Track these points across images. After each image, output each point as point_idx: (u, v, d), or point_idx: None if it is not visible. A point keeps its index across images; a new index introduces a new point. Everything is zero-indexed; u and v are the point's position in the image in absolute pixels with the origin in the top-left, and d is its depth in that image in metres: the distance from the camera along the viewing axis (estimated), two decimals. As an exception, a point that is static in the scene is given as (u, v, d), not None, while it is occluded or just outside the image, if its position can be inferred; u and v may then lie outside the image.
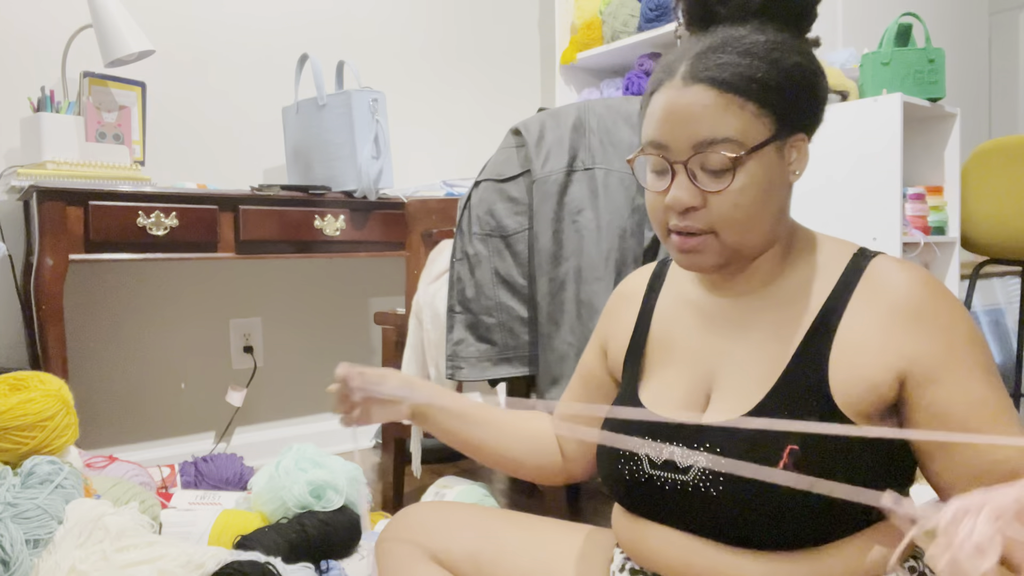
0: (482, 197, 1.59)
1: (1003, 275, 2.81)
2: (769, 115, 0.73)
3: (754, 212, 0.74)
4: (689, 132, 0.73)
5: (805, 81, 0.74)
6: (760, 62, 0.72)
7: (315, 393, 2.63)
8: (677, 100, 0.73)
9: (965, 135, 2.24)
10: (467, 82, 2.98)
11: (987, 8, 3.78)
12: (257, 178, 2.49)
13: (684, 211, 0.75)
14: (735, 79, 0.72)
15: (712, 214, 0.74)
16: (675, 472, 0.77)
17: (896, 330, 0.72)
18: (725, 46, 0.73)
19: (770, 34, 0.74)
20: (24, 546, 1.05)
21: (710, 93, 0.72)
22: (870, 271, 0.76)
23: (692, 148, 0.73)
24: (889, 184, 1.95)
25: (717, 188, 0.73)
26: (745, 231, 0.75)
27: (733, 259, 0.77)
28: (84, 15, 2.06)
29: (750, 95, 0.72)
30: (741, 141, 0.72)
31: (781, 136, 0.74)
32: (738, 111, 0.72)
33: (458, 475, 2.20)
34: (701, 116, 0.72)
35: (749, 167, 0.73)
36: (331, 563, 1.36)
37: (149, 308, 2.30)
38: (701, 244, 0.76)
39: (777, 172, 0.75)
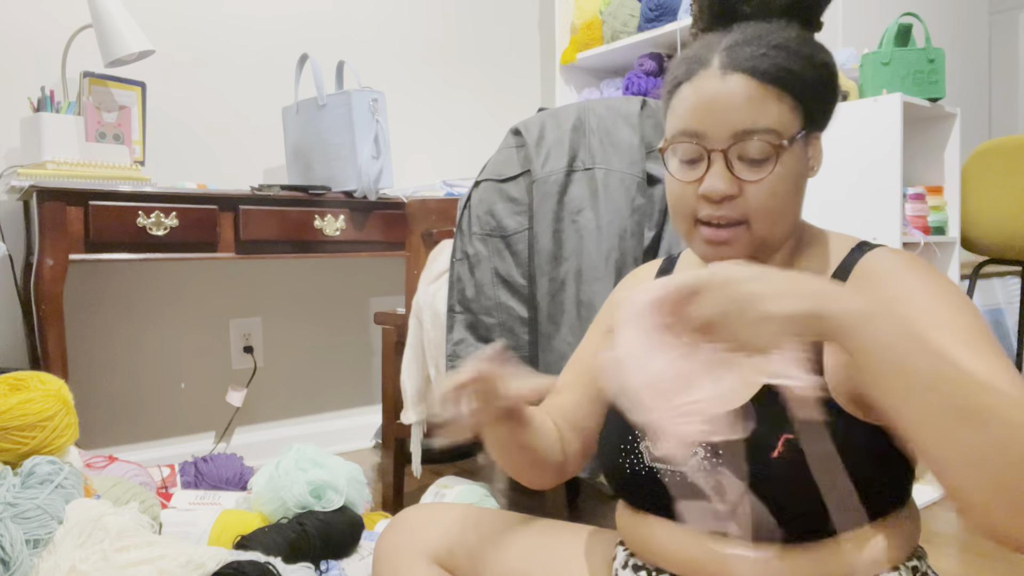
0: (482, 197, 1.59)
1: (1003, 275, 2.82)
2: (801, 109, 0.74)
3: (787, 203, 0.76)
4: (729, 120, 0.73)
5: (832, 79, 0.77)
6: (795, 57, 0.74)
7: (315, 393, 2.63)
8: (717, 89, 0.74)
9: (965, 135, 2.25)
10: (467, 82, 2.98)
11: (987, 8, 3.79)
12: (257, 178, 2.49)
13: (720, 200, 0.75)
14: (775, 71, 0.73)
15: (748, 203, 0.74)
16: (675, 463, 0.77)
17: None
18: (759, 39, 0.74)
19: (797, 31, 0.76)
20: (24, 546, 1.05)
21: (751, 83, 0.73)
22: (862, 263, 0.77)
23: (732, 136, 0.73)
24: (889, 184, 1.95)
25: (756, 177, 0.73)
26: (776, 222, 0.76)
27: (759, 252, 0.78)
28: (84, 15, 2.06)
29: (788, 88, 0.73)
30: (780, 131, 0.73)
31: (808, 129, 0.76)
32: (776, 102, 0.73)
33: (458, 475, 2.20)
34: (742, 105, 0.73)
35: (785, 158, 0.74)
36: (331, 563, 1.36)
37: (149, 308, 2.30)
38: (732, 236, 0.76)
39: (803, 166, 0.77)
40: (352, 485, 1.48)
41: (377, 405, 2.76)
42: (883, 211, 1.97)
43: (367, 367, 2.75)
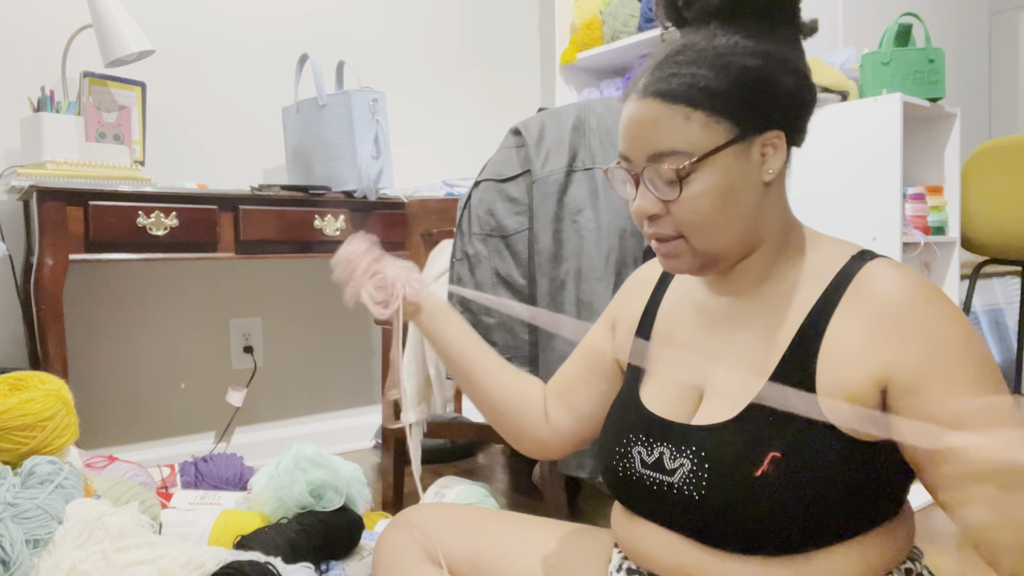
0: (482, 197, 1.59)
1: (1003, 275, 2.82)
2: (723, 120, 0.73)
3: (716, 216, 0.74)
4: (643, 144, 0.75)
5: (759, 82, 0.73)
6: (706, 70, 0.72)
7: (315, 393, 2.63)
8: (633, 113, 0.76)
9: (965, 135, 2.25)
10: (467, 82, 2.98)
11: (987, 8, 3.79)
12: (257, 178, 2.49)
13: (650, 218, 0.76)
14: (681, 89, 0.72)
15: (676, 219, 0.75)
16: (663, 472, 0.78)
17: (879, 338, 0.70)
18: (676, 56, 0.74)
19: (724, 38, 0.74)
20: (24, 546, 1.05)
21: (658, 106, 0.73)
22: (861, 275, 0.74)
23: (646, 160, 0.75)
24: (889, 184, 1.95)
25: (670, 197, 0.74)
26: (711, 235, 0.75)
27: (710, 262, 0.78)
28: (84, 15, 2.06)
29: (697, 104, 0.72)
30: (688, 151, 0.72)
31: (744, 138, 0.73)
32: (683, 122, 0.73)
33: (458, 475, 2.20)
34: (650, 129, 0.74)
35: (703, 174, 0.73)
36: (331, 563, 1.36)
37: (149, 308, 2.30)
38: (674, 249, 0.77)
39: (742, 174, 0.74)
40: (352, 485, 1.48)
41: (377, 405, 2.76)
42: (883, 211, 1.97)
43: (367, 367, 2.75)
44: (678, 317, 0.87)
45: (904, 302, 0.70)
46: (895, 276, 0.72)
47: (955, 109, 2.18)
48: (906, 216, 2.06)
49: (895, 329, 0.70)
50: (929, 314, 0.70)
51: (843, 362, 0.71)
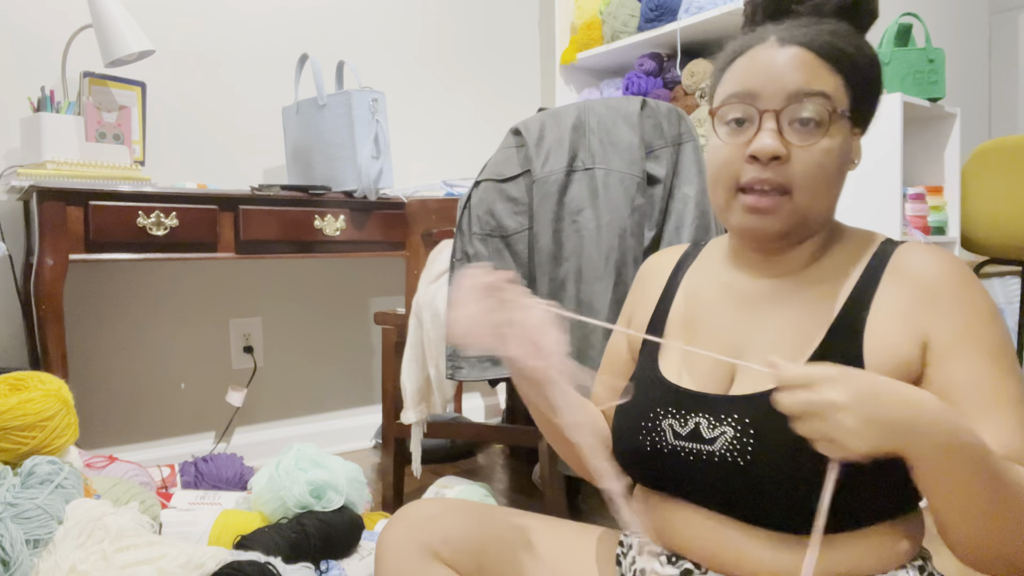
0: (482, 197, 1.59)
1: (1003, 275, 2.81)
2: (850, 92, 0.76)
3: (831, 177, 0.76)
4: (785, 82, 0.75)
5: (878, 75, 0.78)
6: (848, 42, 0.76)
7: (315, 393, 2.63)
8: (773, 55, 0.76)
9: (965, 135, 2.25)
10: (467, 82, 2.98)
11: (987, 8, 3.79)
12: (257, 178, 2.49)
13: (767, 162, 0.75)
14: (829, 48, 0.75)
15: (794, 169, 0.75)
16: (701, 443, 0.77)
17: (921, 307, 0.74)
18: (814, 23, 0.77)
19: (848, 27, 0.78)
20: (24, 546, 1.05)
21: (806, 53, 0.75)
22: (897, 255, 0.77)
23: (786, 97, 0.75)
24: (889, 184, 1.95)
25: (807, 142, 0.74)
26: (818, 195, 0.76)
27: (798, 226, 0.78)
28: (84, 15, 2.06)
29: (840, 65, 0.75)
30: (833, 99, 0.74)
31: (855, 114, 0.77)
32: (830, 75, 0.75)
33: (458, 475, 2.20)
34: (798, 69, 0.75)
35: (834, 131, 0.75)
36: (331, 563, 1.36)
37: (149, 308, 2.30)
38: (775, 205, 0.76)
39: (848, 152, 0.78)
40: (352, 485, 1.48)
41: (377, 405, 2.76)
42: (883, 211, 1.97)
43: (367, 367, 2.75)
44: (702, 299, 0.87)
45: (940, 276, 0.74)
46: (931, 254, 0.76)
47: (955, 109, 2.18)
48: (906, 216, 2.06)
49: (934, 300, 0.74)
50: (963, 288, 0.74)
51: (891, 332, 0.74)
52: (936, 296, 0.74)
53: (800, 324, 0.78)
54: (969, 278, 0.75)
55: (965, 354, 0.72)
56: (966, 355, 0.71)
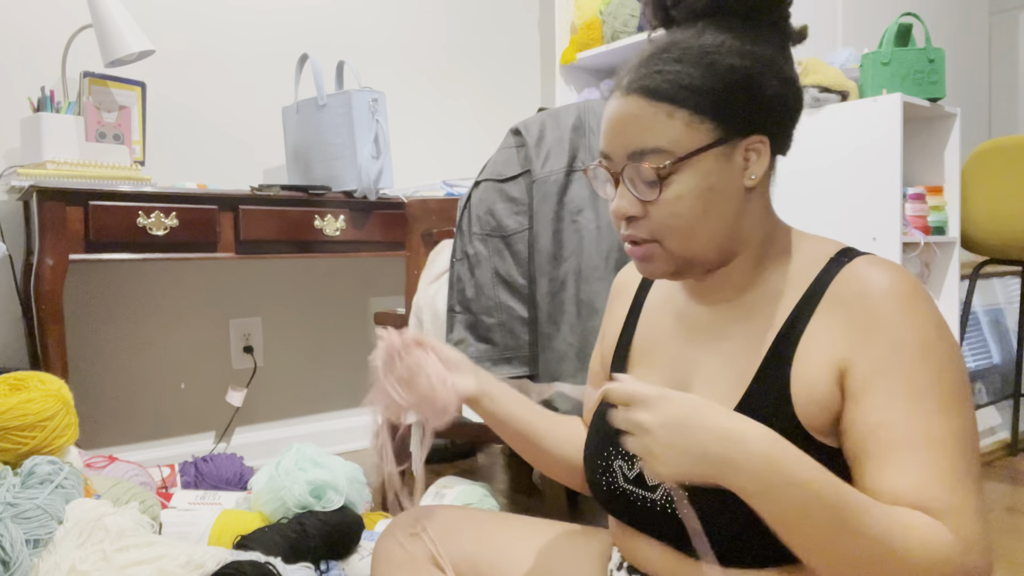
0: (482, 197, 1.59)
1: (1003, 275, 2.81)
2: (707, 121, 0.71)
3: (694, 220, 0.72)
4: (624, 142, 0.73)
5: (745, 83, 0.71)
6: (692, 68, 0.71)
7: (315, 393, 2.63)
8: (615, 110, 0.74)
9: (965, 135, 2.25)
10: (467, 82, 2.98)
11: (987, 8, 3.79)
12: (257, 178, 2.49)
13: (628, 220, 0.75)
14: (665, 87, 0.71)
15: (652, 223, 0.73)
16: (645, 489, 0.77)
17: (847, 338, 0.69)
18: (662, 53, 0.73)
19: (711, 37, 0.72)
20: (24, 546, 1.05)
21: (641, 103, 0.72)
22: (840, 277, 0.72)
23: (627, 158, 0.73)
24: (889, 184, 1.95)
25: (650, 198, 0.72)
26: (687, 239, 0.73)
27: (686, 267, 0.76)
28: (84, 15, 2.06)
29: (681, 103, 0.71)
30: (670, 150, 0.71)
31: (727, 140, 0.72)
32: (666, 120, 0.71)
33: (458, 475, 2.19)
34: (633, 126, 0.72)
35: (684, 175, 0.71)
36: (331, 563, 1.36)
37: (149, 308, 2.30)
38: (648, 252, 0.75)
39: (724, 178, 0.72)
40: (352, 485, 1.48)
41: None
42: (883, 211, 1.96)
43: (367, 367, 2.74)
44: (659, 325, 0.86)
45: (874, 303, 0.69)
46: (873, 274, 0.70)
47: (955, 109, 2.18)
48: (906, 216, 2.06)
49: (862, 330, 0.68)
50: (896, 314, 0.68)
51: (813, 365, 0.70)
52: (865, 325, 0.68)
53: (736, 360, 0.76)
54: (909, 302, 0.68)
55: (880, 391, 0.66)
56: (881, 392, 0.66)
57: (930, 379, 0.66)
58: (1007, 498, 2.00)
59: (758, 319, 0.76)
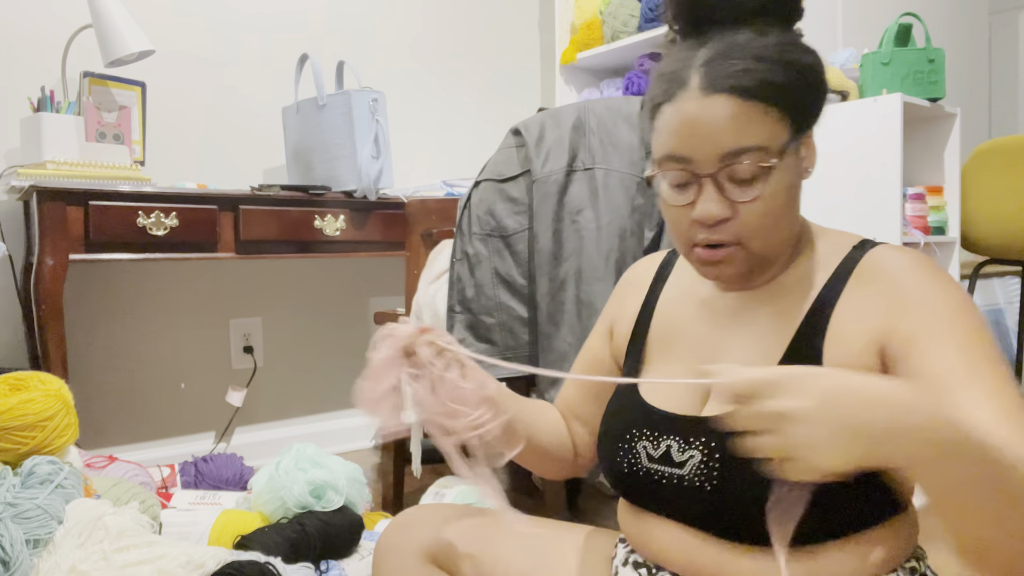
0: (482, 197, 1.59)
1: (1003, 275, 2.82)
2: (788, 116, 0.72)
3: (781, 216, 0.74)
4: (715, 144, 0.71)
5: (816, 79, 0.75)
6: (774, 65, 0.71)
7: (315, 393, 2.63)
8: (699, 112, 0.71)
9: (965, 135, 2.24)
10: (467, 82, 2.98)
11: (987, 8, 3.79)
12: (257, 178, 2.49)
13: (714, 224, 0.73)
14: (757, 85, 0.70)
15: (741, 224, 0.73)
16: (672, 466, 0.77)
17: (882, 311, 0.71)
18: (735, 51, 0.71)
19: (775, 36, 0.73)
20: (24, 546, 1.05)
21: (733, 102, 0.70)
22: (865, 260, 0.75)
23: (720, 160, 0.71)
24: (889, 184, 1.95)
25: (749, 197, 0.72)
26: (771, 237, 0.74)
27: (759, 268, 0.77)
28: (84, 15, 2.06)
29: (771, 100, 0.71)
30: (769, 147, 0.71)
31: (797, 136, 0.74)
32: (762, 117, 0.70)
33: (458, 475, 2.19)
34: (727, 127, 0.70)
35: (778, 173, 0.72)
36: (331, 563, 1.36)
37: (149, 308, 2.30)
38: (728, 256, 0.75)
39: (796, 172, 0.75)
40: (352, 485, 1.48)
41: (377, 405, 2.76)
42: (883, 211, 1.96)
43: (367, 367, 2.74)
44: (680, 314, 0.87)
45: (901, 275, 0.72)
46: (896, 255, 0.74)
47: (955, 109, 2.18)
48: (906, 216, 2.06)
49: (892, 299, 0.71)
50: (924, 284, 0.71)
51: (848, 339, 0.72)
52: (895, 298, 0.71)
53: (764, 340, 0.77)
54: (933, 274, 0.72)
55: (930, 346, 0.67)
56: (932, 347, 0.67)
57: (969, 335, 0.68)
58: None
59: (787, 300, 0.78)
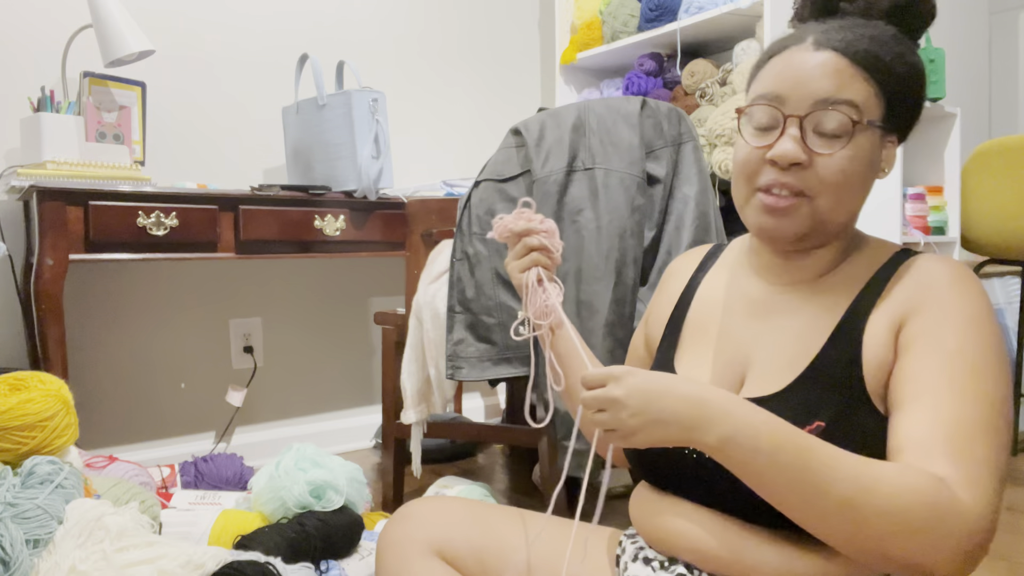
0: (482, 197, 1.59)
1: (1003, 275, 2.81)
2: (883, 101, 0.75)
3: (855, 184, 0.75)
4: (813, 88, 0.74)
5: (918, 83, 0.77)
6: (887, 49, 0.74)
7: (315, 393, 2.63)
8: (806, 59, 0.75)
9: (965, 135, 2.25)
10: (467, 82, 2.98)
11: (987, 8, 3.79)
12: (257, 178, 2.49)
13: (787, 167, 0.75)
14: (865, 55, 0.74)
15: (815, 176, 0.74)
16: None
17: (904, 310, 0.74)
18: (856, 27, 0.75)
19: (895, 32, 0.77)
20: (24, 546, 1.05)
21: (840, 60, 0.74)
22: (907, 265, 0.77)
23: (812, 104, 0.74)
24: (889, 184, 1.95)
25: (828, 151, 0.74)
26: (840, 201, 0.75)
27: (816, 231, 0.78)
28: (84, 15, 2.06)
29: (874, 73, 0.74)
30: (861, 108, 0.74)
31: (887, 127, 0.76)
32: (863, 83, 0.74)
33: (458, 475, 2.20)
34: (828, 76, 0.74)
35: (859, 140, 0.74)
36: (331, 563, 1.36)
37: (149, 308, 2.30)
38: (792, 206, 0.76)
39: (875, 159, 0.77)
40: (352, 485, 1.48)
41: (377, 405, 2.76)
42: (883, 211, 1.97)
43: (367, 367, 2.75)
44: (719, 303, 0.88)
45: (932, 280, 0.74)
46: (935, 262, 0.76)
47: (955, 109, 2.18)
48: (906, 216, 2.07)
49: (918, 301, 0.73)
50: (948, 289, 0.73)
51: (881, 332, 0.74)
52: (922, 297, 0.73)
53: (805, 332, 0.78)
54: (963, 283, 0.73)
55: (920, 347, 0.71)
56: (920, 349, 0.71)
57: (967, 344, 0.69)
58: (1007, 498, 2.00)
59: (830, 297, 0.79)
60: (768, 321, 0.82)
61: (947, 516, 0.61)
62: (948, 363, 0.69)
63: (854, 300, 0.77)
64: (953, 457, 0.64)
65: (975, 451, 0.65)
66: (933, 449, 0.65)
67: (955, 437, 0.65)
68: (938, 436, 0.65)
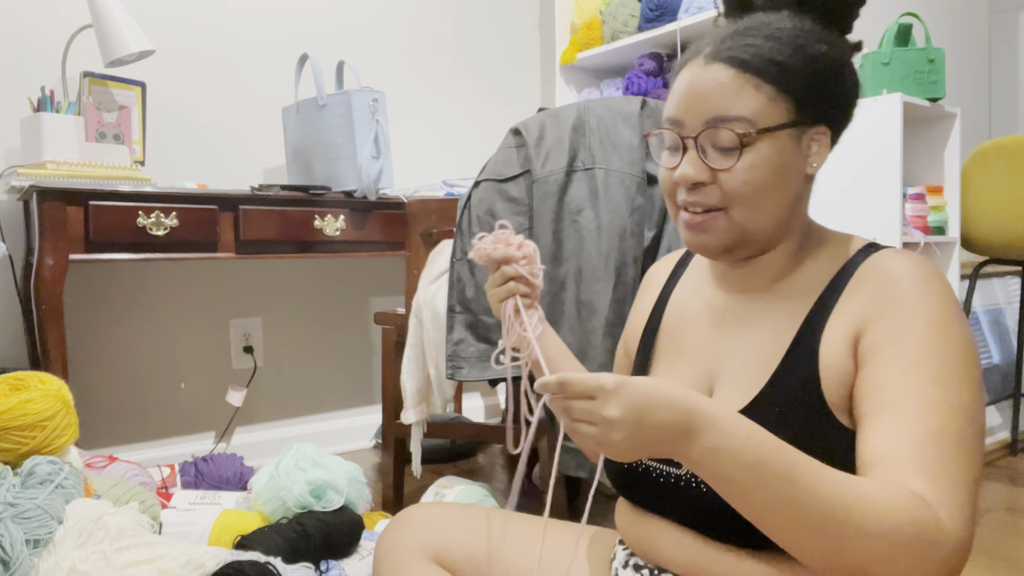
0: (482, 197, 1.59)
1: (1003, 275, 2.81)
2: (788, 100, 0.73)
3: (764, 191, 0.74)
4: (703, 108, 0.74)
5: (829, 71, 0.75)
6: (783, 46, 0.73)
7: (315, 393, 2.63)
8: (696, 77, 0.75)
9: (965, 135, 2.25)
10: (467, 82, 2.98)
11: (987, 8, 3.78)
12: (257, 178, 2.49)
13: (692, 186, 0.76)
14: (754, 60, 0.73)
15: (721, 190, 0.74)
16: (670, 465, 0.78)
17: (863, 316, 0.71)
18: (751, 29, 0.75)
19: (801, 23, 0.75)
20: (24, 546, 1.05)
21: (728, 72, 0.73)
22: (867, 262, 0.75)
23: (704, 124, 0.74)
24: (889, 184, 1.95)
25: (726, 165, 0.73)
26: (754, 209, 0.75)
27: (740, 241, 0.77)
28: (84, 15, 2.06)
29: (768, 77, 0.73)
30: (752, 120, 0.73)
31: (800, 124, 0.74)
32: (753, 91, 0.73)
33: (458, 475, 2.20)
34: (716, 93, 0.73)
35: (760, 147, 0.73)
36: (331, 563, 1.36)
37: (149, 308, 2.30)
38: (708, 221, 0.76)
39: (792, 160, 0.75)
40: (352, 485, 1.48)
41: (377, 405, 2.76)
42: (883, 211, 1.97)
43: (367, 367, 2.75)
44: (687, 315, 0.87)
45: (894, 277, 0.72)
46: (897, 259, 0.73)
47: (955, 109, 2.18)
48: (906, 216, 2.06)
49: (878, 306, 0.71)
50: (911, 290, 0.70)
51: (838, 343, 0.72)
52: (882, 301, 0.71)
53: (765, 345, 0.77)
54: (926, 282, 0.70)
55: (883, 357, 0.68)
56: (884, 358, 0.68)
57: (932, 351, 0.67)
58: (1007, 498, 2.00)
59: (789, 305, 0.78)
60: (730, 332, 0.81)
61: (932, 538, 0.60)
62: (912, 373, 0.67)
63: (812, 308, 0.76)
64: (926, 475, 0.63)
65: (947, 467, 0.63)
66: (905, 465, 0.63)
67: (925, 453, 0.63)
68: (909, 452, 0.64)
